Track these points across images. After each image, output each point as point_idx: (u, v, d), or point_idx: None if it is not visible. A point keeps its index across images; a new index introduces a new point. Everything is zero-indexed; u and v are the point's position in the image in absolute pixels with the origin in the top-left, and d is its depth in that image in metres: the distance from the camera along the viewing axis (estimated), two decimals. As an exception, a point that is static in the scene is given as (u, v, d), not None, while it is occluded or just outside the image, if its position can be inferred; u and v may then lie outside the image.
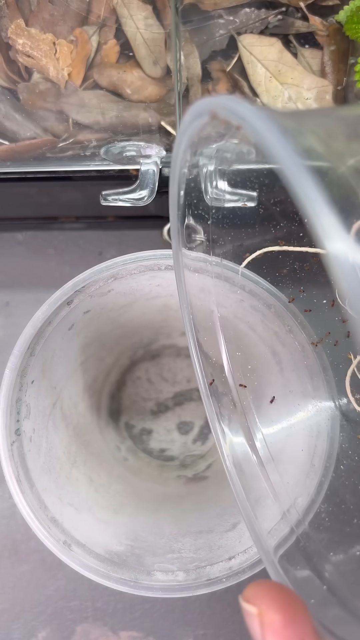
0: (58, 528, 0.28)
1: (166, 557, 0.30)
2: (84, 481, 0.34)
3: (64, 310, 0.30)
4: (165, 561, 0.30)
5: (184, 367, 0.43)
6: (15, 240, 0.46)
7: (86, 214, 0.45)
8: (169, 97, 0.28)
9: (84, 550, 0.28)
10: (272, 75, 0.27)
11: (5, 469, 0.27)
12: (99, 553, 0.29)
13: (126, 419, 0.43)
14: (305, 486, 0.29)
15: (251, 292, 0.29)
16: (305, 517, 0.28)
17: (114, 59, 0.27)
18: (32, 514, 0.27)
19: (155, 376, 0.43)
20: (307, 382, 0.29)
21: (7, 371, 0.28)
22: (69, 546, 0.28)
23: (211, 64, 0.27)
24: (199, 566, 0.29)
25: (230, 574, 0.28)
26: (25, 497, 0.27)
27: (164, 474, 0.41)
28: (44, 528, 0.27)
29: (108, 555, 0.29)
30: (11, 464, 0.28)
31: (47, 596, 0.43)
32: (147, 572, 0.28)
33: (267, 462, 0.34)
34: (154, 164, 0.29)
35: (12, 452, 0.28)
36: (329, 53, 0.27)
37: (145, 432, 0.43)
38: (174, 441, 0.43)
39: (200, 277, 0.30)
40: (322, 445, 0.28)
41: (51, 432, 0.33)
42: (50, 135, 0.29)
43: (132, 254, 0.29)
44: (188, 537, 0.32)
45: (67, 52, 0.26)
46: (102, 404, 0.41)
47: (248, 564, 0.28)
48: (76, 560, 0.27)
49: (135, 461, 0.42)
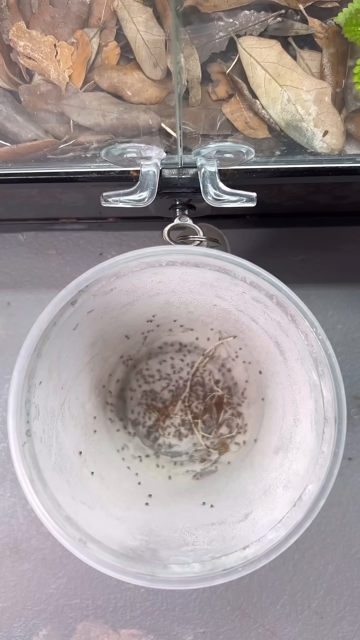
0: (73, 526, 0.28)
1: (181, 550, 0.30)
2: (95, 479, 0.34)
3: (69, 311, 0.29)
4: (180, 554, 0.30)
5: (188, 362, 0.43)
6: (17, 240, 0.46)
7: (87, 215, 0.45)
8: (169, 99, 0.28)
9: (100, 547, 0.28)
10: (272, 77, 0.27)
11: (18, 470, 0.27)
12: (114, 549, 0.28)
13: (133, 416, 0.43)
14: (315, 473, 0.29)
15: (252, 284, 0.29)
16: (317, 503, 0.28)
17: (114, 61, 0.27)
18: (47, 513, 0.27)
19: (159, 373, 0.43)
20: (311, 369, 0.29)
21: (15, 373, 0.28)
22: (85, 543, 0.28)
23: (211, 66, 0.27)
24: (214, 557, 0.29)
25: (246, 563, 0.28)
26: (39, 497, 0.27)
27: (173, 470, 0.41)
28: (59, 527, 0.27)
29: (123, 550, 0.29)
30: (23, 465, 0.27)
31: (48, 594, 0.43)
32: (163, 565, 0.28)
33: (276, 452, 0.34)
34: (154, 166, 0.29)
35: (24, 453, 0.28)
36: (328, 55, 0.27)
37: (152, 429, 0.43)
38: (181, 437, 0.43)
39: (201, 271, 0.30)
40: (330, 431, 0.28)
41: (60, 432, 0.33)
42: (51, 137, 0.29)
43: (134, 251, 0.29)
44: (201, 530, 0.32)
45: (68, 54, 0.26)
46: (109, 403, 0.41)
47: (263, 552, 0.28)
48: (93, 557, 0.27)
49: (143, 458, 0.42)
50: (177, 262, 0.29)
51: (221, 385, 0.42)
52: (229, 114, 0.28)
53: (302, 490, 0.29)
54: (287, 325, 0.30)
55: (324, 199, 0.41)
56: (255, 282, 0.29)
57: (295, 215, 0.45)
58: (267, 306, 0.30)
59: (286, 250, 0.46)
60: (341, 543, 0.43)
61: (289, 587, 0.43)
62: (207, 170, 0.29)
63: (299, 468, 0.30)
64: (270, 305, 0.30)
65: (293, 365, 0.32)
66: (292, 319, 0.29)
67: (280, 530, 0.28)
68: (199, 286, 0.33)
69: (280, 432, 0.34)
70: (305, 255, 0.46)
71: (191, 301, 0.36)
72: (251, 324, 0.35)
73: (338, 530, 0.43)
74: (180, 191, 0.31)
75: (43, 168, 0.30)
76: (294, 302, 0.28)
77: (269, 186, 0.37)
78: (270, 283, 0.28)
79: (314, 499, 0.28)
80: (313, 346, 0.29)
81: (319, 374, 0.29)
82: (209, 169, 0.29)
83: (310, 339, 0.29)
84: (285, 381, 0.34)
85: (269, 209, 0.44)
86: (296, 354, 0.31)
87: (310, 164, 0.30)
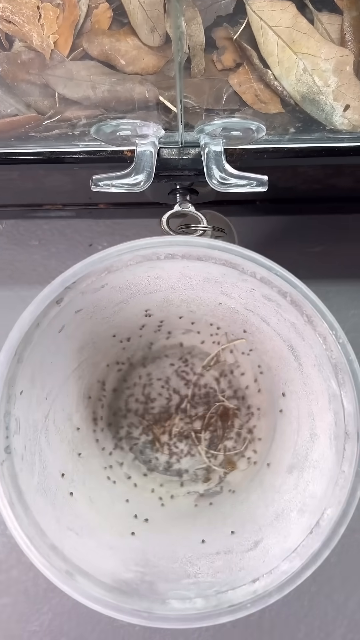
0: (58, 556, 0.28)
1: (181, 582, 0.30)
2: (84, 502, 0.34)
3: (53, 310, 0.29)
4: (180, 587, 0.29)
5: (189, 369, 0.43)
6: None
7: (74, 201, 0.45)
8: (169, 68, 0.27)
9: (89, 580, 0.28)
10: (285, 43, 0.27)
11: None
12: (105, 582, 0.28)
13: (126, 430, 0.42)
14: (334, 495, 0.28)
15: (263, 280, 0.29)
16: (337, 529, 0.28)
17: (106, 25, 0.27)
18: (29, 541, 0.27)
19: (157, 381, 0.43)
20: (330, 377, 0.29)
21: (-7, 381, 0.28)
22: (72, 575, 0.28)
23: (216, 31, 0.27)
24: (220, 591, 0.29)
25: (256, 598, 0.27)
26: (20, 523, 0.27)
27: (172, 491, 0.41)
28: (43, 557, 0.27)
29: (116, 584, 0.28)
30: (2, 486, 0.27)
31: (31, 632, 0.43)
32: (161, 600, 0.28)
33: (290, 471, 0.34)
34: (151, 145, 0.29)
35: (3, 472, 0.28)
36: (350, 19, 0.27)
37: (148, 445, 0.43)
38: (181, 454, 0.42)
39: (205, 265, 0.30)
40: (352, 448, 0.28)
41: (44, 448, 0.32)
42: (33, 112, 0.28)
43: (128, 243, 0.29)
44: (204, 560, 0.32)
45: (52, 18, 0.26)
46: (99, 415, 0.41)
47: (275, 586, 0.27)
48: (81, 591, 0.27)
49: (138, 478, 0.41)
50: (177, 255, 0.29)
51: (227, 395, 0.42)
52: (236, 85, 0.28)
53: (319, 515, 0.29)
54: (302, 326, 0.30)
55: (345, 183, 0.41)
56: (267, 278, 0.29)
57: (311, 202, 0.45)
58: (279, 305, 0.30)
59: (301, 242, 0.46)
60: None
61: (305, 625, 0.43)
62: (211, 150, 0.29)
63: (316, 490, 0.30)
64: (283, 304, 0.30)
65: (309, 373, 0.32)
66: (308, 320, 0.29)
67: (295, 560, 0.28)
68: (203, 282, 0.33)
69: (294, 448, 0.34)
70: (323, 247, 0.46)
71: (193, 299, 0.36)
72: (262, 325, 0.35)
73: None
74: (181, 174, 0.31)
75: (24, 147, 0.30)
76: (311, 301, 0.28)
77: (282, 168, 0.37)
78: (283, 279, 0.28)
79: (333, 525, 0.28)
80: (332, 351, 0.28)
81: (339, 382, 0.29)
82: (213, 149, 0.29)
83: (329, 342, 0.28)
84: (301, 390, 0.34)
85: (281, 194, 0.44)
86: (313, 359, 0.31)
87: (329, 142, 0.30)
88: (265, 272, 0.29)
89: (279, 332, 0.33)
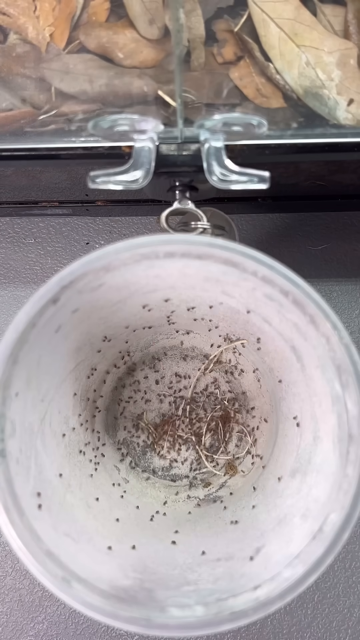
0: (55, 562, 0.28)
1: (181, 589, 0.30)
2: (81, 507, 0.34)
3: (50, 310, 0.29)
4: (180, 595, 0.29)
5: (189, 370, 0.43)
6: (-11, 229, 0.46)
7: (71, 198, 0.45)
8: (168, 62, 0.28)
9: (86, 587, 0.28)
10: (288, 36, 0.27)
11: (-9, 497, 0.27)
12: (103, 589, 0.28)
13: (124, 434, 0.43)
14: (338, 500, 0.28)
15: (265, 279, 0.29)
16: (340, 535, 0.28)
17: (103, 17, 0.27)
18: (25, 547, 0.27)
19: (156, 383, 0.43)
20: (334, 379, 0.29)
21: (-13, 383, 0.28)
22: (69, 582, 0.28)
23: (216, 24, 0.27)
24: (220, 598, 0.29)
25: (258, 606, 0.27)
26: (15, 528, 0.27)
27: (171, 496, 0.41)
28: (38, 563, 0.27)
29: (114, 591, 0.28)
30: (-3, 491, 0.27)
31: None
32: (160, 608, 0.28)
33: (292, 475, 0.34)
34: (150, 141, 0.29)
35: (-3, 476, 0.28)
36: (354, 11, 0.27)
37: (147, 449, 0.43)
38: (181, 458, 0.42)
39: (205, 264, 0.30)
40: (356, 451, 0.28)
41: (40, 451, 0.32)
42: (29, 107, 0.29)
43: (126, 241, 0.29)
44: (205, 566, 0.32)
45: (48, 9, 0.26)
46: (97, 418, 0.41)
47: (277, 593, 0.27)
48: (78, 599, 0.27)
49: (137, 482, 0.42)
50: (176, 254, 0.29)
51: (228, 397, 0.42)
52: (237, 79, 0.28)
53: (323, 520, 0.29)
54: (305, 327, 0.30)
55: (349, 179, 0.41)
56: (268, 277, 0.29)
57: (314, 199, 0.45)
58: (281, 305, 0.30)
59: (304, 240, 0.46)
60: (369, 582, 0.43)
61: (308, 634, 0.43)
62: (211, 145, 0.29)
63: (319, 494, 0.30)
64: (285, 303, 0.30)
65: (312, 374, 0.32)
66: (311, 320, 0.29)
67: (298, 567, 0.28)
68: (203, 281, 0.33)
69: (297, 451, 0.34)
70: (327, 245, 0.46)
71: (193, 299, 0.36)
72: (263, 326, 0.35)
73: (365, 567, 0.43)
74: (180, 170, 0.31)
75: (20, 143, 0.30)
76: (313, 300, 0.28)
77: (284, 164, 0.37)
78: (286, 278, 0.28)
79: (337, 530, 0.28)
80: (336, 352, 0.29)
81: (343, 384, 0.29)
82: (214, 145, 0.29)
83: (333, 343, 0.29)
84: (303, 392, 0.34)
85: (283, 191, 0.44)
86: (316, 360, 0.31)
87: (332, 137, 0.30)
88: (267, 271, 0.29)
89: (281, 333, 0.33)
